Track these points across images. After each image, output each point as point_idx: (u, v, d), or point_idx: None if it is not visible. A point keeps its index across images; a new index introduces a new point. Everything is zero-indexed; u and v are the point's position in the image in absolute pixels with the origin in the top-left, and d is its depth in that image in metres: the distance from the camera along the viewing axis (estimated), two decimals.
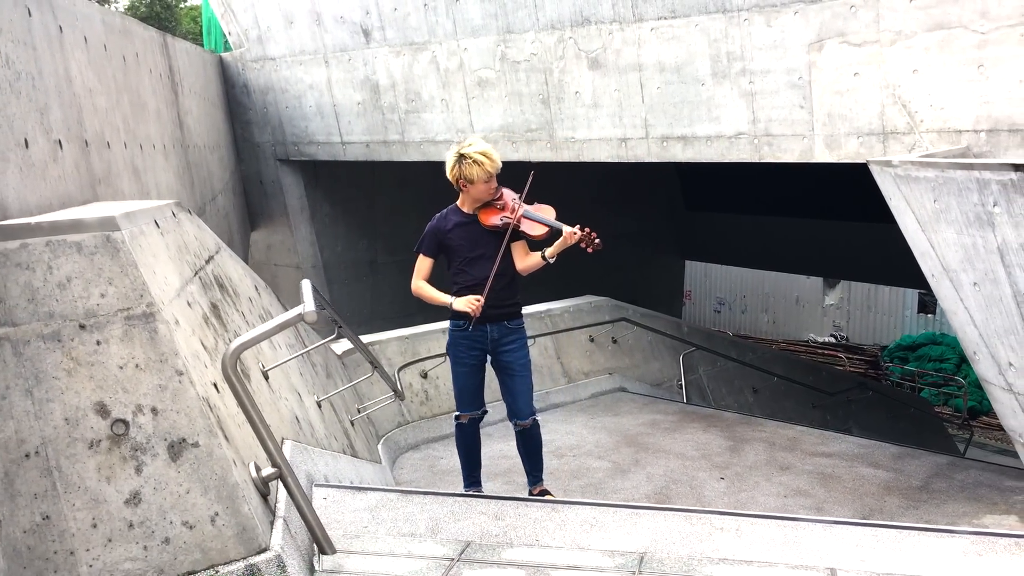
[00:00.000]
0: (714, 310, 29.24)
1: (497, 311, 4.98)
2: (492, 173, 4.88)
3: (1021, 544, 3.22)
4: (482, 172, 4.84)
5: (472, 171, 4.84)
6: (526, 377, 5.17)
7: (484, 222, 4.93)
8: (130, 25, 6.11)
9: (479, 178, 4.85)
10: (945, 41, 7.19)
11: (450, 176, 4.95)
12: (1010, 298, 5.55)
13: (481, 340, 5.01)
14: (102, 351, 2.68)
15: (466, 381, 5.13)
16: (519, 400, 5.12)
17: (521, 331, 5.15)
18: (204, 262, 4.03)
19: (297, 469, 3.73)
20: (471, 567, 3.09)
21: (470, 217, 4.96)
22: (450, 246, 4.95)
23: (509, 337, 5.06)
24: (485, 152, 4.87)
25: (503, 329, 5.03)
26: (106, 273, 2.75)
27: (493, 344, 5.03)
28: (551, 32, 9.70)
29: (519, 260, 4.98)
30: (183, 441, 2.71)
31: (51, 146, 3.61)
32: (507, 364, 5.08)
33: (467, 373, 5.11)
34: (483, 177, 4.85)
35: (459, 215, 5.00)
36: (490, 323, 4.98)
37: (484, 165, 4.84)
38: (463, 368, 5.10)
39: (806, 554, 3.13)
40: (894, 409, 14.98)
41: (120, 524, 2.58)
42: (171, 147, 6.93)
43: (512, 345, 5.07)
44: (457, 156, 4.89)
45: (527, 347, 5.22)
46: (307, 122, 12.52)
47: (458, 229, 4.96)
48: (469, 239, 4.92)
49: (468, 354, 5.05)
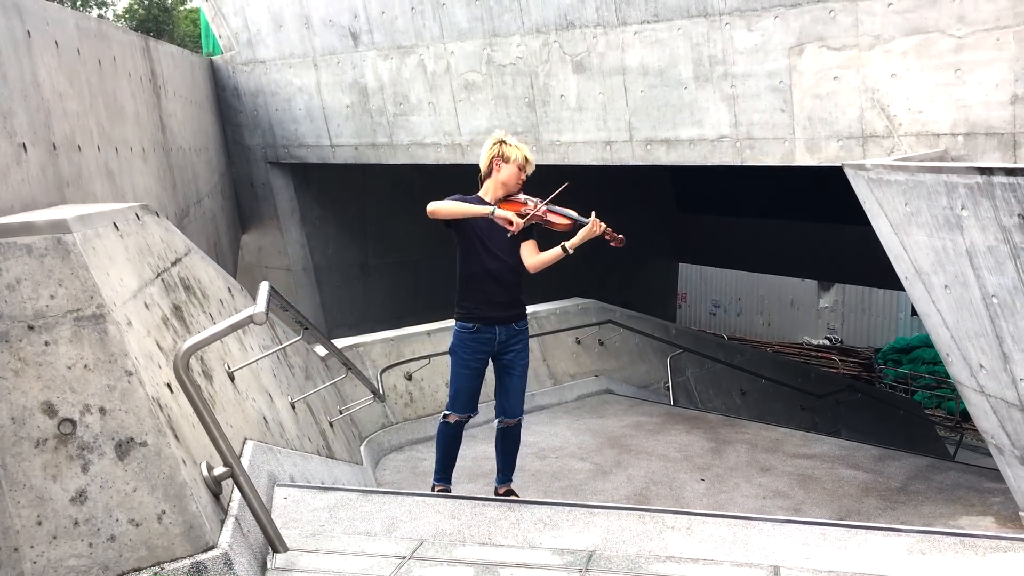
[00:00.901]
0: (709, 312, 29.29)
1: (508, 312, 5.01)
2: (528, 161, 4.99)
3: (966, 543, 3.25)
4: (520, 155, 4.95)
5: (512, 152, 4.95)
6: (524, 378, 5.20)
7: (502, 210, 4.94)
8: (107, 29, 6.16)
9: (515, 160, 4.93)
10: (923, 45, 7.24)
11: (487, 157, 5.00)
12: (979, 300, 5.59)
13: (490, 342, 5.01)
14: (50, 352, 2.73)
15: (467, 383, 5.10)
16: (512, 398, 5.15)
17: (526, 332, 5.18)
18: (170, 264, 4.07)
19: (259, 469, 3.77)
20: (422, 565, 3.13)
21: (491, 207, 4.95)
22: (468, 222, 4.91)
23: (516, 339, 5.07)
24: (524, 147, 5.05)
25: (511, 331, 5.04)
26: (56, 275, 2.80)
27: (500, 346, 5.04)
28: (536, 36, 9.75)
29: (528, 258, 4.98)
30: (131, 440, 2.75)
31: (14, 149, 3.65)
32: (509, 363, 5.09)
33: (470, 375, 5.09)
34: (519, 160, 4.94)
35: (482, 203, 4.98)
36: (499, 325, 4.99)
37: (523, 150, 4.98)
38: (466, 370, 5.07)
39: (752, 552, 3.17)
40: (883, 411, 15.01)
41: (65, 522, 2.62)
42: (151, 150, 6.98)
43: (517, 346, 5.09)
44: (498, 140, 5.01)
45: (528, 348, 5.25)
46: (297, 125, 12.58)
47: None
48: (487, 225, 4.90)
49: (474, 356, 5.03)
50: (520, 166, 4.94)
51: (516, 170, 4.93)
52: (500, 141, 4.98)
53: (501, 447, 5.38)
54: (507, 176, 4.94)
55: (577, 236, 4.86)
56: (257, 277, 14.10)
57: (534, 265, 4.99)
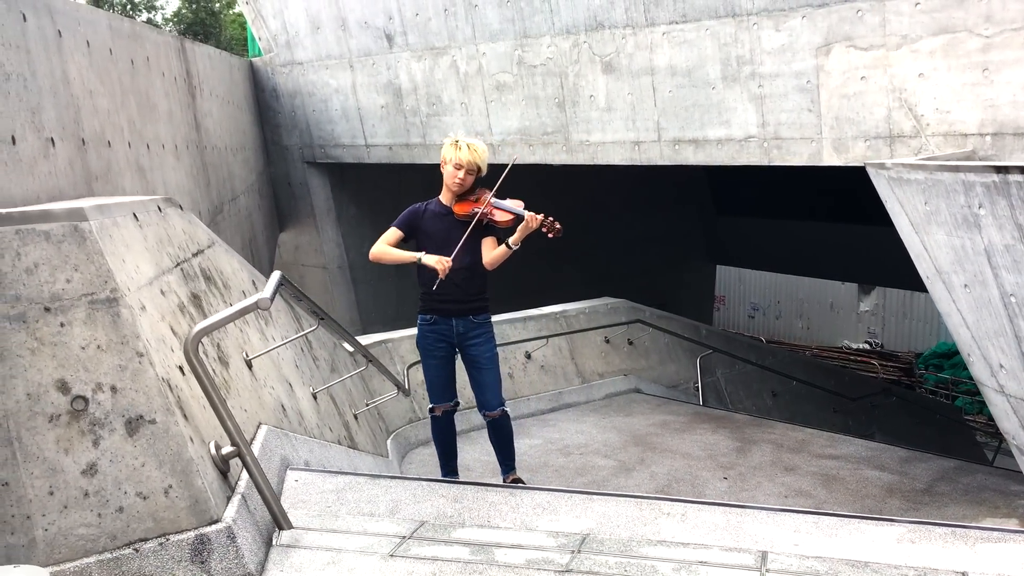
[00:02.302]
0: (748, 315, 29.10)
1: (462, 305, 5.13)
2: (463, 161, 5.01)
3: (957, 533, 3.29)
4: (454, 155, 5.01)
5: (448, 152, 5.05)
6: (492, 370, 5.30)
7: (458, 213, 5.08)
8: (140, 30, 6.36)
9: (450, 159, 5.03)
10: (950, 45, 7.22)
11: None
12: (998, 299, 5.58)
13: (447, 334, 5.17)
14: (65, 332, 2.88)
15: (436, 373, 5.30)
16: (487, 392, 5.28)
17: (487, 326, 5.29)
18: (191, 255, 4.23)
19: (272, 452, 3.90)
20: (420, 544, 3.24)
21: (446, 208, 5.13)
22: (422, 230, 5.09)
23: (475, 331, 5.19)
24: (471, 144, 5.07)
25: (469, 323, 5.17)
26: (72, 260, 2.95)
27: (459, 338, 5.18)
28: (566, 37, 9.83)
29: (486, 256, 5.08)
30: (140, 418, 2.89)
31: (42, 143, 3.83)
32: (474, 358, 5.23)
33: (436, 365, 5.28)
34: (454, 160, 5.01)
35: (438, 206, 5.18)
36: (456, 317, 5.13)
37: (460, 151, 5.01)
38: (432, 360, 5.27)
39: (742, 538, 3.24)
40: (920, 416, 14.86)
41: (76, 492, 2.77)
42: (184, 148, 7.18)
43: (478, 339, 5.20)
44: (450, 140, 5.12)
45: (494, 341, 5.35)
46: (333, 125, 12.79)
47: (433, 217, 5.13)
48: (442, 228, 5.06)
49: (436, 346, 5.21)
50: (456, 166, 5.00)
51: (452, 169, 5.02)
52: (450, 142, 5.08)
53: (493, 440, 5.51)
54: (446, 176, 5.08)
55: (516, 233, 4.92)
56: (294, 275, 14.34)
57: (487, 263, 5.11)
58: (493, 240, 5.10)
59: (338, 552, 3.18)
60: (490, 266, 5.10)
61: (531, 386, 9.70)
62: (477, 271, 5.09)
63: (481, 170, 5.13)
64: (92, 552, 2.74)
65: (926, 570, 2.96)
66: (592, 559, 3.07)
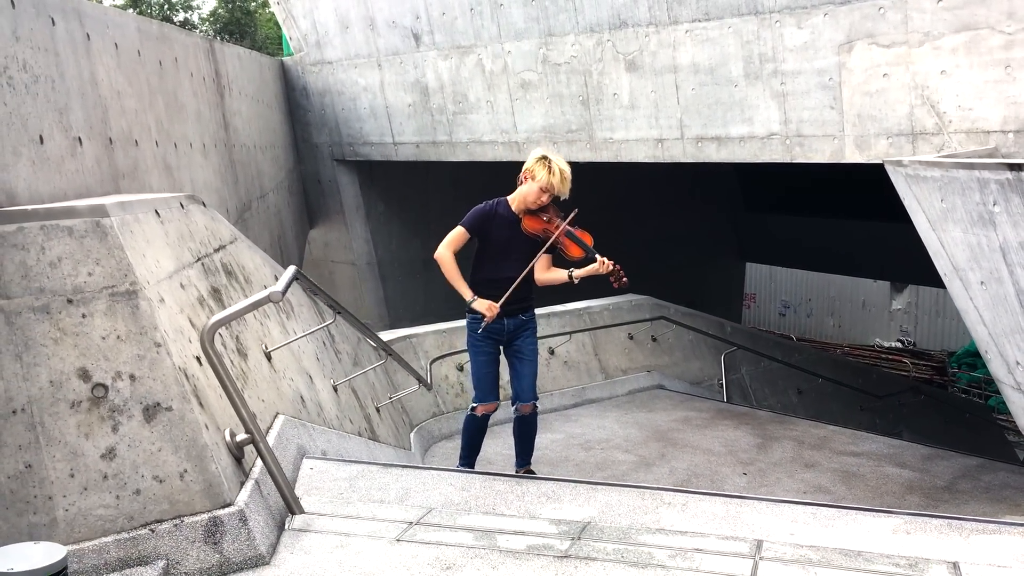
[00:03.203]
0: (779, 313, 28.95)
1: (514, 307, 5.23)
2: (552, 187, 5.04)
3: (953, 525, 3.34)
4: (546, 179, 5.01)
5: (540, 172, 5.04)
6: (534, 363, 5.43)
7: (527, 227, 5.15)
8: (169, 32, 6.54)
9: (540, 180, 5.02)
10: (972, 42, 7.21)
11: (525, 167, 5.18)
12: (1013, 297, 5.59)
13: (499, 332, 5.29)
14: (87, 323, 3.02)
15: (486, 369, 5.37)
16: (524, 383, 5.37)
17: (533, 320, 5.44)
18: (212, 250, 4.37)
19: (289, 441, 4.04)
20: (425, 529, 3.35)
21: (515, 217, 5.16)
22: (489, 233, 5.14)
23: (524, 327, 5.36)
24: (563, 170, 5.10)
25: (518, 321, 5.31)
26: (94, 254, 3.09)
27: (509, 335, 5.32)
28: (590, 35, 9.90)
29: (540, 271, 5.19)
30: (157, 405, 3.03)
31: (69, 142, 3.99)
32: (518, 348, 5.35)
33: (487, 361, 5.37)
34: (543, 183, 5.01)
35: (507, 211, 5.18)
36: (508, 317, 5.23)
37: (554, 174, 5.03)
38: (483, 356, 5.36)
39: (740, 528, 3.31)
40: (949, 414, 14.75)
41: (95, 475, 2.91)
42: (212, 146, 7.36)
43: (526, 332, 5.37)
44: (541, 156, 5.13)
45: (536, 335, 5.46)
46: (361, 123, 12.95)
47: (502, 223, 5.16)
48: (508, 236, 5.12)
49: (487, 342, 5.32)
50: (543, 188, 5.02)
51: (537, 190, 5.03)
52: (541, 158, 5.09)
53: (518, 433, 5.58)
54: (527, 191, 5.07)
55: (585, 270, 5.03)
56: (324, 271, 14.54)
57: (541, 280, 5.23)
58: (548, 259, 5.20)
59: (347, 536, 3.30)
60: (541, 283, 5.24)
61: (554, 382, 9.79)
62: (528, 278, 5.18)
63: (560, 196, 5.14)
64: (110, 532, 2.88)
65: (918, 560, 3.02)
66: (591, 545, 3.16)
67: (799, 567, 2.98)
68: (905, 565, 2.98)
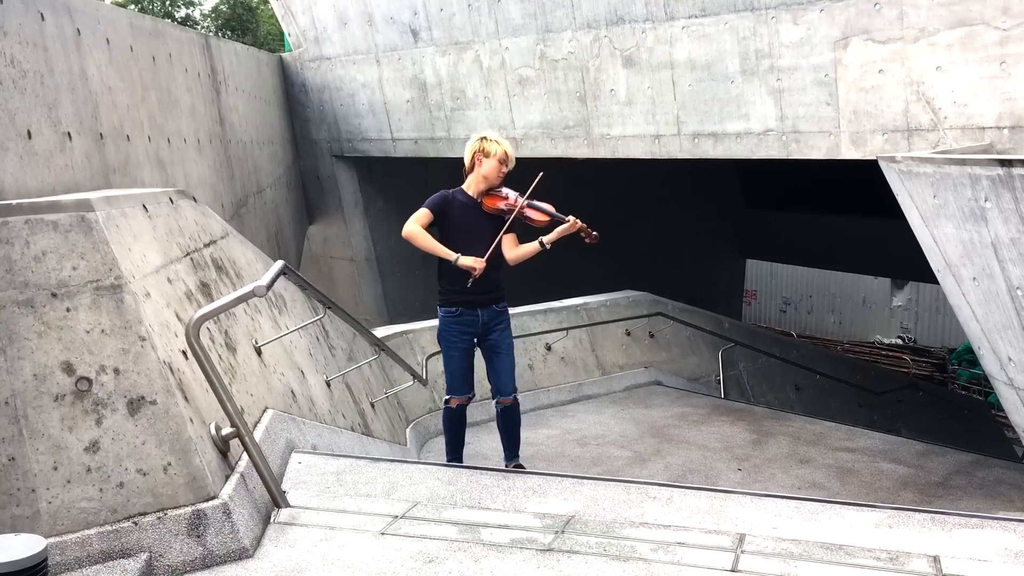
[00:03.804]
0: (779, 310, 28.94)
1: (488, 296, 5.26)
2: (508, 156, 5.18)
3: (936, 519, 3.35)
4: (500, 150, 5.16)
5: (492, 146, 5.17)
6: (511, 356, 5.45)
7: (488, 206, 5.19)
8: (163, 27, 6.56)
9: (495, 153, 5.14)
10: (967, 38, 7.20)
11: (469, 153, 5.27)
12: (1005, 293, 5.60)
13: (473, 324, 5.29)
14: (71, 317, 3.04)
15: (459, 364, 5.39)
16: (503, 377, 5.40)
17: (506, 313, 5.46)
18: (202, 245, 4.38)
19: (277, 436, 4.05)
20: (410, 523, 3.36)
21: (474, 201, 5.22)
22: (452, 217, 5.18)
23: (497, 319, 5.36)
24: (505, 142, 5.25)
25: (492, 312, 5.32)
26: (79, 249, 3.11)
27: (484, 327, 5.32)
28: (587, 31, 9.91)
29: (508, 250, 5.21)
30: (142, 399, 3.04)
31: (59, 137, 4.01)
32: (495, 343, 5.37)
33: (460, 356, 5.38)
34: (499, 155, 5.14)
35: (465, 196, 5.26)
36: (481, 307, 5.26)
37: (503, 146, 5.19)
38: (456, 352, 5.37)
39: (723, 522, 3.32)
40: (948, 411, 14.74)
41: (79, 468, 2.93)
42: (207, 142, 7.38)
43: (500, 326, 5.38)
44: (480, 136, 5.26)
45: (511, 328, 5.47)
46: (360, 119, 12.96)
47: (462, 207, 5.21)
48: (470, 219, 5.17)
49: (460, 338, 5.33)
50: (501, 160, 5.13)
51: (496, 164, 5.13)
52: (482, 138, 5.21)
53: (502, 427, 5.60)
54: (488, 170, 5.15)
55: (554, 232, 5.05)
56: (323, 267, 14.55)
57: (513, 258, 5.23)
58: (514, 237, 5.22)
59: (332, 530, 3.31)
60: (514, 262, 5.23)
61: (551, 378, 9.80)
62: (499, 264, 5.22)
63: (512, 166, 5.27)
64: (93, 524, 2.89)
65: (898, 553, 3.03)
66: (574, 539, 3.17)
67: (780, 560, 2.99)
68: (886, 558, 2.99)
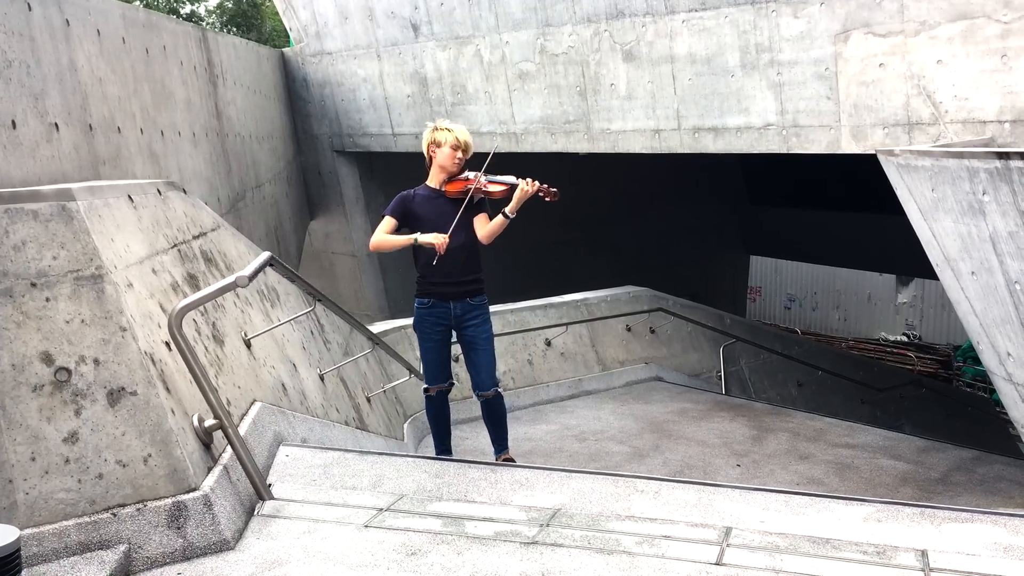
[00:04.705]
0: (784, 307, 28.83)
1: (459, 288, 5.22)
2: (460, 141, 5.15)
3: (925, 513, 3.31)
4: (451, 137, 5.13)
5: (442, 135, 5.15)
6: (488, 351, 5.39)
7: (451, 192, 5.18)
8: (157, 20, 6.53)
9: (447, 141, 5.12)
10: (968, 31, 7.15)
11: (424, 145, 5.27)
12: (1003, 287, 5.55)
13: (445, 316, 5.26)
14: (50, 307, 3.01)
15: (432, 355, 5.38)
16: (481, 372, 5.36)
17: (483, 307, 5.38)
18: (191, 237, 4.36)
19: (265, 428, 4.02)
20: (395, 516, 3.33)
21: (437, 192, 5.21)
22: (415, 213, 5.16)
23: (472, 313, 5.29)
24: (459, 127, 5.23)
25: (466, 306, 5.26)
26: (59, 238, 3.08)
27: (456, 320, 5.28)
28: (587, 25, 9.86)
29: (481, 230, 5.16)
30: (122, 389, 3.02)
31: (45, 128, 3.99)
32: (470, 338, 5.32)
33: (433, 348, 5.36)
34: (451, 141, 5.11)
35: (426, 189, 5.25)
36: (453, 300, 5.22)
37: (454, 131, 5.15)
38: (429, 343, 5.36)
39: (711, 515, 3.29)
40: (951, 408, 14.68)
41: (57, 459, 2.90)
42: (203, 135, 7.35)
43: (475, 320, 5.30)
44: (431, 128, 5.25)
45: (490, 322, 5.44)
46: (361, 114, 12.93)
47: (424, 200, 5.20)
48: (435, 209, 5.14)
49: (433, 330, 5.31)
50: (453, 146, 5.11)
51: (450, 151, 5.11)
52: (433, 128, 5.19)
53: (487, 419, 5.57)
54: (443, 159, 5.14)
55: (513, 200, 4.97)
56: (324, 263, 14.54)
57: (484, 236, 5.16)
58: (484, 217, 5.18)
59: (316, 522, 3.29)
60: (487, 239, 5.15)
61: (550, 373, 9.77)
62: (473, 249, 5.17)
63: (470, 149, 5.24)
64: (71, 516, 2.87)
65: (886, 547, 2.99)
66: (559, 532, 3.14)
67: (766, 554, 2.95)
68: (873, 552, 2.96)
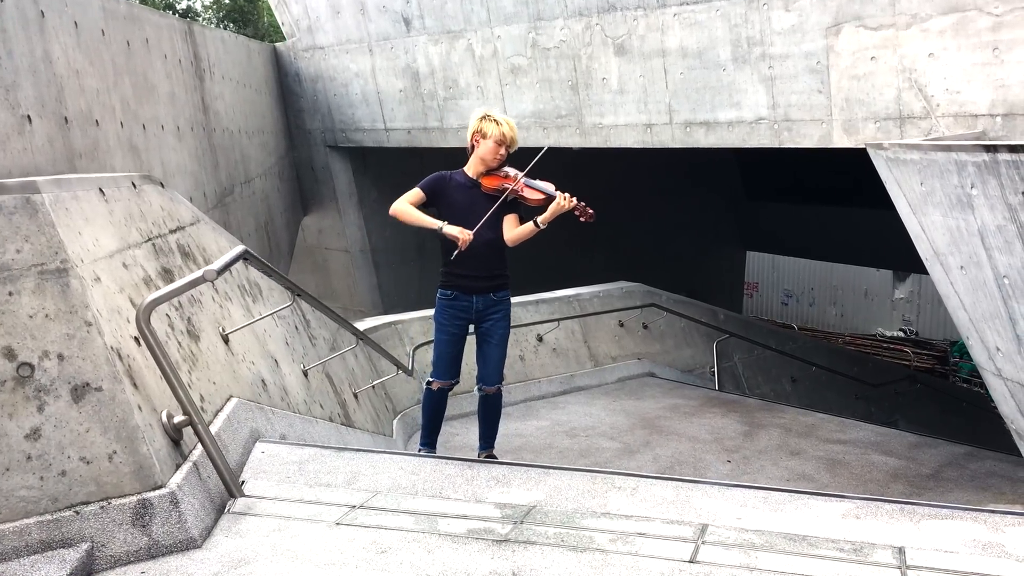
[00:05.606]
0: (781, 303, 28.77)
1: (483, 283, 5.15)
2: (506, 137, 5.03)
3: (905, 510, 3.26)
4: (497, 131, 5.02)
5: (489, 127, 5.05)
6: (502, 347, 5.33)
7: (487, 186, 5.08)
8: (140, 12, 6.47)
9: (492, 135, 5.02)
10: (960, 24, 7.09)
11: (469, 133, 5.16)
12: (992, 281, 5.50)
13: (466, 310, 5.19)
14: (13, 301, 2.96)
15: (446, 349, 5.30)
16: (490, 366, 5.30)
17: (506, 303, 5.31)
18: (167, 231, 4.30)
19: (241, 424, 3.97)
20: (367, 513, 3.28)
21: (473, 181, 5.13)
22: (448, 198, 5.09)
23: (493, 308, 5.23)
24: (508, 120, 5.12)
25: (488, 300, 5.20)
26: (23, 231, 3.03)
27: (477, 315, 5.22)
28: (579, 19, 9.80)
29: (508, 231, 5.10)
30: (86, 385, 2.97)
31: (17, 120, 3.93)
32: (487, 331, 5.26)
33: (447, 341, 5.29)
34: (496, 136, 5.01)
35: (463, 177, 5.16)
36: (477, 295, 5.15)
37: (501, 126, 5.05)
38: (445, 336, 5.28)
39: (687, 512, 3.24)
40: (946, 403, 14.64)
41: (19, 456, 2.85)
42: (188, 129, 7.29)
43: (496, 315, 5.24)
44: (481, 116, 5.13)
45: (509, 319, 5.36)
46: (353, 109, 12.88)
47: (459, 187, 5.11)
48: (467, 199, 5.05)
49: (452, 323, 5.23)
50: (498, 141, 5.01)
51: (493, 145, 5.02)
52: (482, 117, 5.09)
53: (482, 415, 5.51)
54: (485, 151, 5.05)
55: (547, 211, 4.90)
56: (318, 258, 14.49)
57: (510, 240, 5.10)
58: (515, 218, 5.10)
59: (286, 520, 3.24)
60: (512, 243, 5.10)
61: (542, 369, 9.72)
62: (498, 246, 5.10)
63: (515, 145, 5.14)
64: (33, 513, 2.82)
65: (863, 544, 2.95)
66: (532, 530, 3.10)
67: (740, 551, 2.91)
68: (849, 550, 2.91)
